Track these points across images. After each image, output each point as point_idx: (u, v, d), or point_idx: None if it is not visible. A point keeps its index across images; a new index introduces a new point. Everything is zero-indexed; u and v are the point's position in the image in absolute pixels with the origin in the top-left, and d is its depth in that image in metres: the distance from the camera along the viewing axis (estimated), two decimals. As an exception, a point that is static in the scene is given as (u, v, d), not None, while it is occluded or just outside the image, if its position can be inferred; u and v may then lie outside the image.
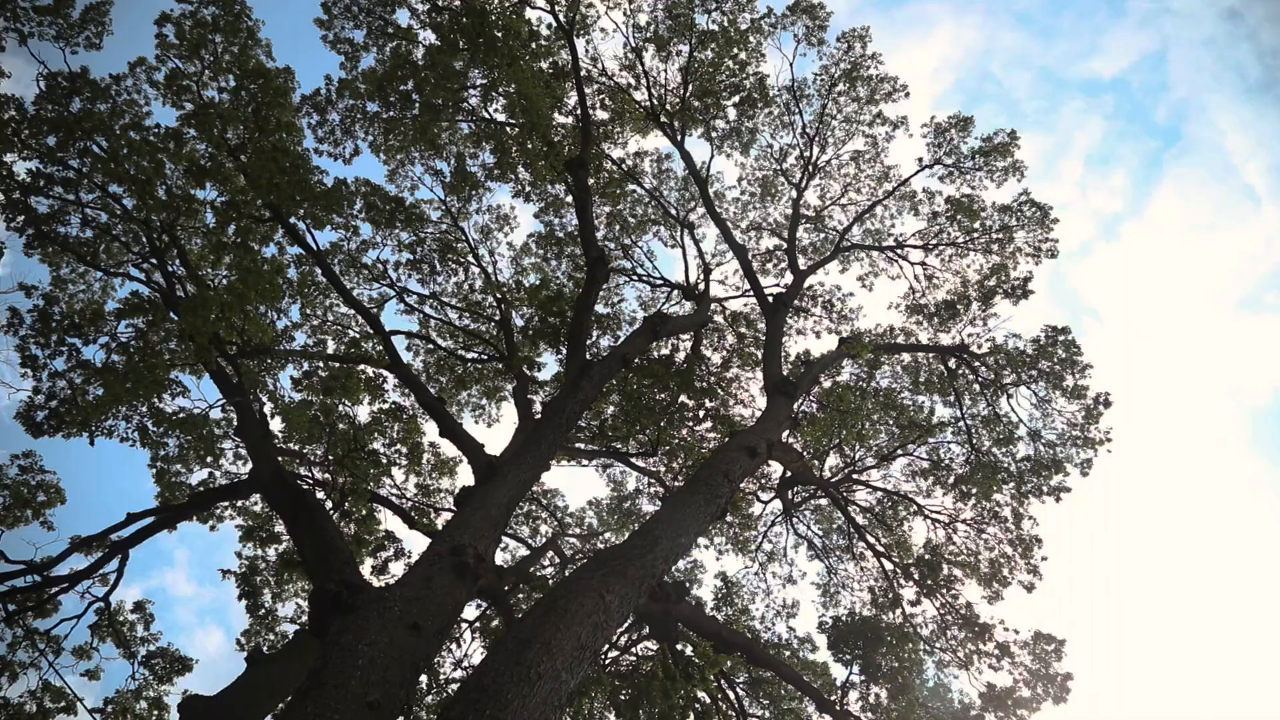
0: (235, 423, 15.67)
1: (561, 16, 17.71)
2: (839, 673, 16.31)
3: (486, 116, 16.60)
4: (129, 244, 16.09)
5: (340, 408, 17.25)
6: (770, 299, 19.05)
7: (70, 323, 15.43)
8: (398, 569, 18.49)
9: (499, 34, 14.51)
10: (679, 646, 13.68)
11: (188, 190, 15.47)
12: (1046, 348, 19.48)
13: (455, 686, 16.47)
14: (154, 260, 15.72)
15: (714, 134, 20.40)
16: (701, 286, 21.00)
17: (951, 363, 20.88)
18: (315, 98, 17.38)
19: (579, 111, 17.86)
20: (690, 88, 19.53)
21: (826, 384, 18.38)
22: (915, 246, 21.63)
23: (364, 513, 17.00)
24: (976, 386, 20.60)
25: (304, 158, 15.85)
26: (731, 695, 16.28)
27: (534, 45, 15.64)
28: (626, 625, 15.00)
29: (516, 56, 14.38)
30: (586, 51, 19.71)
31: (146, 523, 15.45)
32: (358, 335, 19.57)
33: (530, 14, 17.24)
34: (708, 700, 15.70)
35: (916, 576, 17.91)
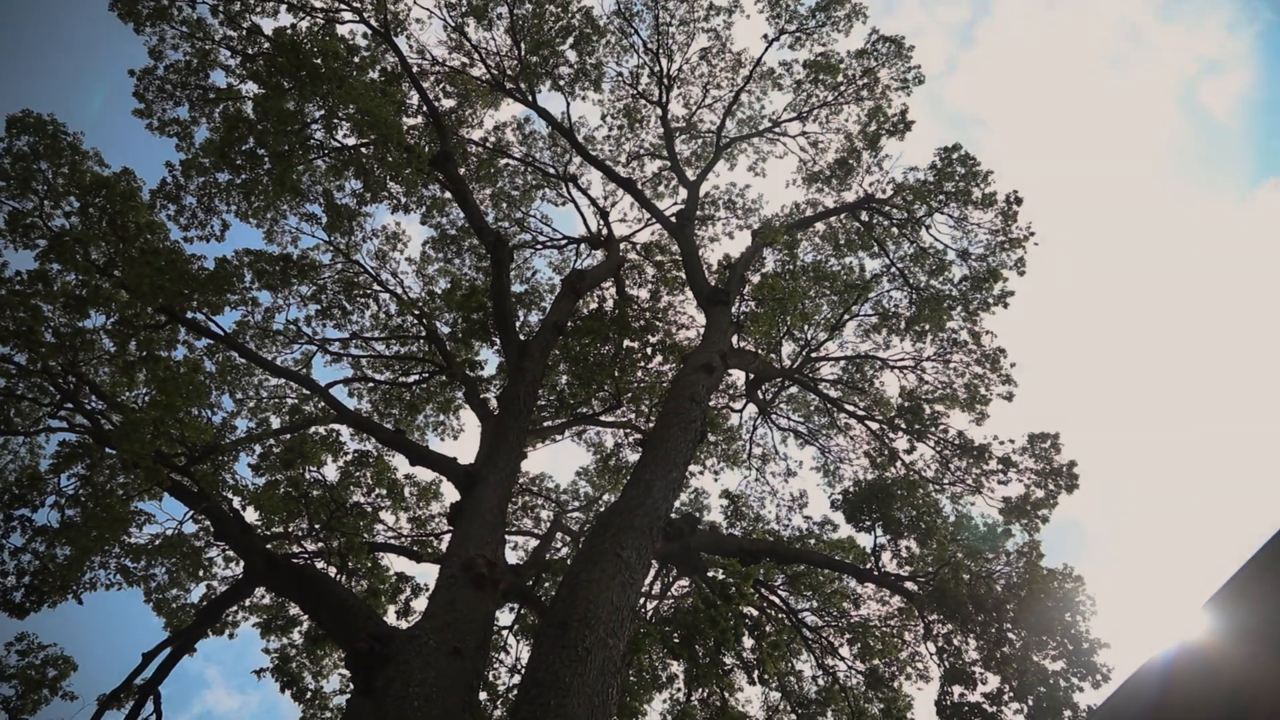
0: (212, 529, 15.40)
1: (374, 21, 17.29)
2: (865, 541, 16.70)
3: (338, 144, 16.22)
4: (37, 399, 15.57)
5: (307, 475, 17.02)
6: (673, 219, 19.04)
7: (11, 495, 14.97)
8: (421, 604, 18.49)
9: (318, 60, 14.10)
10: (710, 574, 13.89)
11: (74, 324, 14.99)
12: (945, 169, 19.73)
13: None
14: (69, 405, 15.25)
15: (562, 82, 20.15)
16: (605, 231, 20.90)
17: (864, 216, 21.11)
18: (164, 188, 16.82)
19: (425, 108, 17.54)
20: (523, 46, 19.22)
21: (755, 279, 18.47)
22: (791, 119, 21.71)
23: (368, 565, 16.89)
24: (895, 230, 20.87)
25: (176, 251, 15.40)
26: (776, 599, 16.63)
27: (356, 59, 15.25)
28: (653, 573, 15.17)
29: (343, 76, 14.00)
30: (411, 47, 19.30)
31: (164, 656, 15.21)
32: (297, 401, 19.25)
33: (341, 29, 16.83)
34: (755, 613, 16.03)
35: (903, 425, 18.30)
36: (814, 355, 18.66)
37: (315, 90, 14.16)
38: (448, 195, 19.45)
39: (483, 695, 15.96)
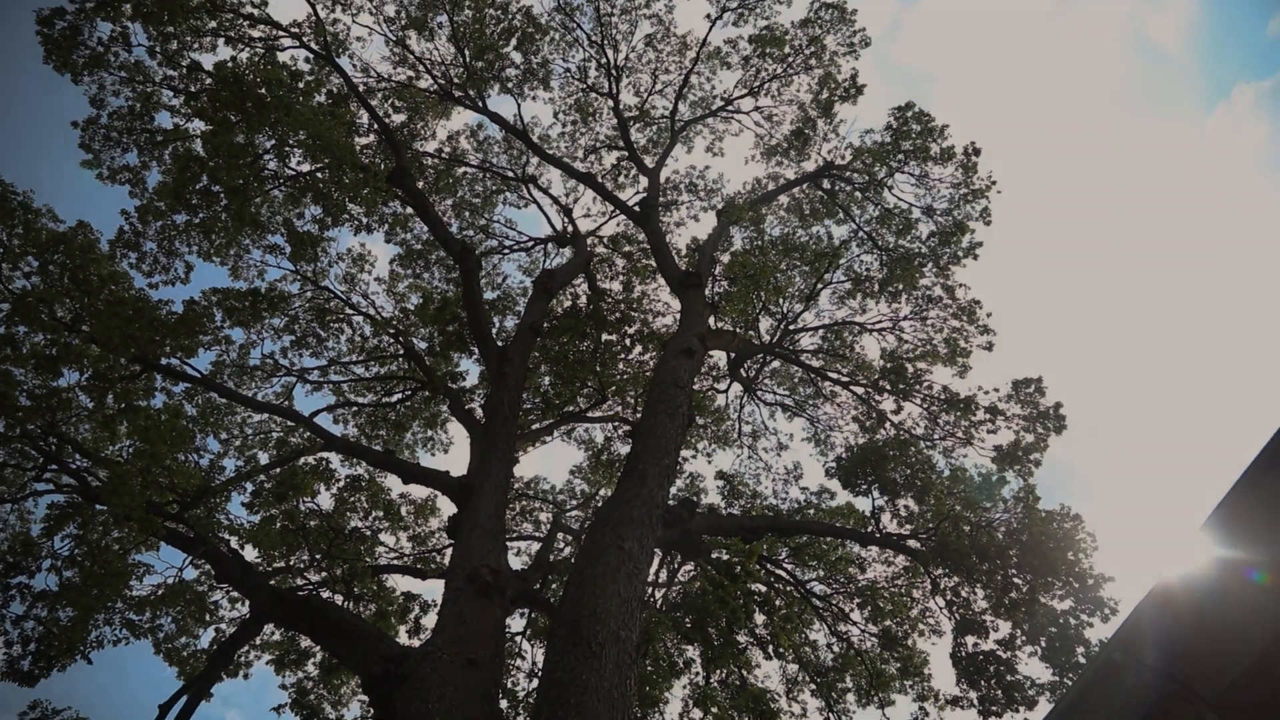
0: (213, 572, 15.31)
1: (314, 45, 17.16)
2: (863, 504, 16.83)
3: (292, 172, 16.11)
4: (20, 464, 15.41)
5: (302, 507, 16.94)
6: (636, 208, 19.04)
7: (6, 564, 14.82)
8: (430, 620, 18.46)
9: (262, 90, 13.98)
10: (714, 555, 13.94)
11: (48, 385, 14.85)
12: (901, 128, 19.81)
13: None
14: (53, 466, 15.11)
15: (510, 84, 20.07)
16: (570, 228, 20.88)
17: (826, 184, 21.17)
18: (123, 237, 16.68)
19: (375, 125, 17.45)
20: (467, 52, 19.12)
21: (725, 259, 18.51)
22: (742, 96, 21.70)
23: (374, 588, 16.85)
24: (858, 194, 20.95)
25: (143, 298, 15.26)
26: (782, 573, 16.71)
27: (301, 85, 15.11)
28: (658, 561, 15.21)
29: (289, 103, 13.88)
30: (355, 66, 19.12)
31: (181, 705, 15.10)
32: (282, 434, 19.15)
33: (282, 56, 16.71)
34: (764, 589, 16.10)
35: (888, 387, 18.39)
36: (792, 328, 18.70)
37: (263, 120, 14.04)
38: (409, 210, 19.36)
39: (503, 703, 15.97)
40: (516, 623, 17.85)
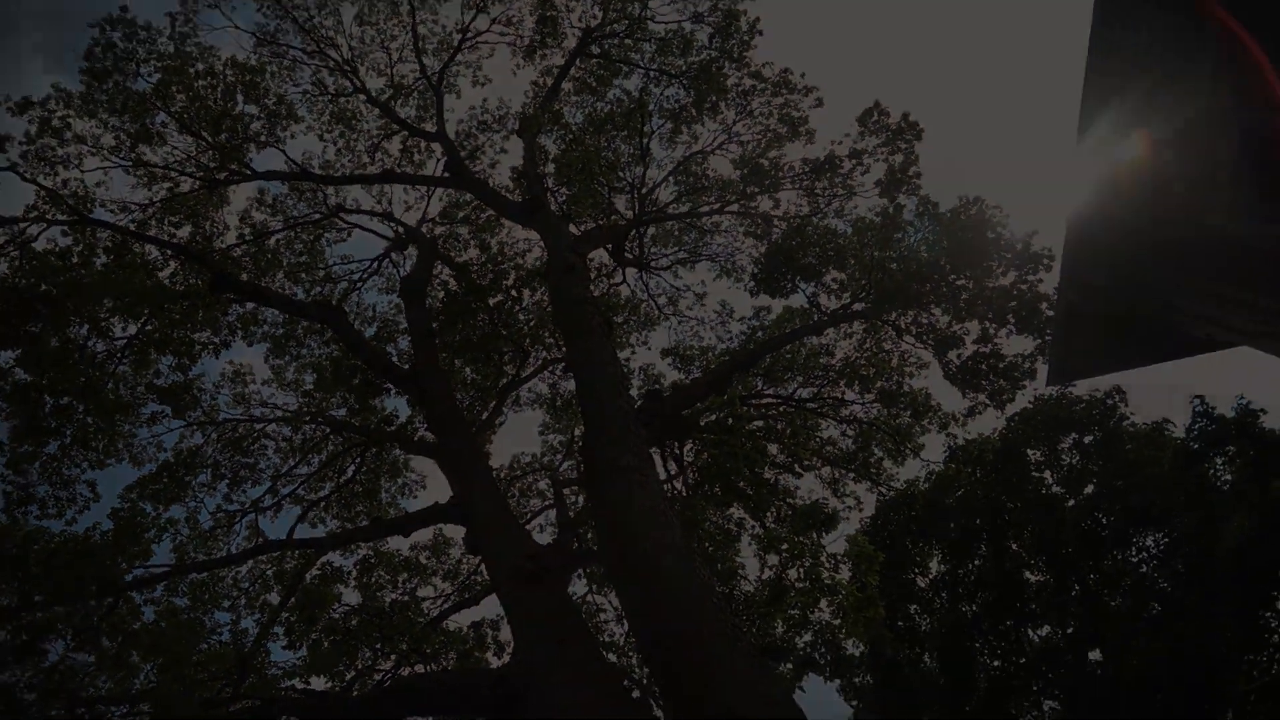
0: (295, 722, 15.26)
1: (62, 216, 16.22)
2: (798, 301, 17.18)
3: (123, 339, 15.45)
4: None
5: (335, 614, 16.86)
6: (446, 174, 18.69)
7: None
8: (507, 634, 18.65)
9: (42, 286, 13.29)
10: (703, 422, 14.21)
11: (39, 667, 14.36)
12: (635, -35, 19.54)
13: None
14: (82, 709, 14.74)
15: (261, 137, 19.16)
16: (400, 229, 20.39)
17: (595, 50, 20.88)
18: (11, 498, 15.88)
19: (168, 251, 16.75)
20: (206, 134, 18.18)
21: (551, 169, 18.34)
22: (474, 17, 20.90)
23: (441, 640, 16.97)
24: (628, 41, 20.71)
25: (70, 537, 14.71)
26: (768, 399, 17.13)
27: (74, 259, 14.41)
28: (659, 458, 15.45)
29: (74, 283, 13.25)
30: (113, 210, 17.95)
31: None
32: (275, 567, 18.82)
33: (39, 245, 15.78)
34: (761, 423, 16.51)
35: (756, 189, 18.64)
36: (644, 191, 18.68)
37: (62, 314, 13.39)
38: (250, 305, 18.69)
39: (611, 657, 16.33)
40: (579, 587, 18.15)
